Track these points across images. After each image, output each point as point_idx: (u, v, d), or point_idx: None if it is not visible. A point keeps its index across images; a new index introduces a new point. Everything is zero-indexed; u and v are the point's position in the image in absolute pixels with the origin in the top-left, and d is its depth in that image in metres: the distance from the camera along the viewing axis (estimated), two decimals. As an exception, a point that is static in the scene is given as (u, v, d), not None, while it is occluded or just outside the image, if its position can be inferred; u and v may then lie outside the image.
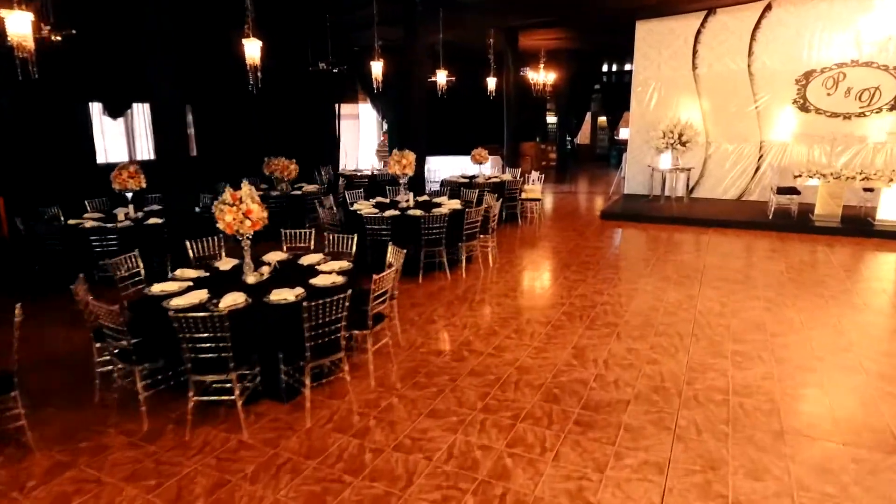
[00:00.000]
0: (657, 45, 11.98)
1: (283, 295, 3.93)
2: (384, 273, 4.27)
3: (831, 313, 5.59)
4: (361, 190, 9.09)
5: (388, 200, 8.14)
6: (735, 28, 11.20)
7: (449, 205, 7.62)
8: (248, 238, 4.39)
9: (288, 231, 5.77)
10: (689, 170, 11.50)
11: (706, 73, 11.65)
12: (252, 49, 6.33)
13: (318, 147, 13.06)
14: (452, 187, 9.70)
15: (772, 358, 4.56)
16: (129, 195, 7.48)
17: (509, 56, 13.51)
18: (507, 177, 10.65)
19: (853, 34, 10.31)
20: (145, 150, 9.73)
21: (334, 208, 8.07)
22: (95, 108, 8.72)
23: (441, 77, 10.40)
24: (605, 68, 20.80)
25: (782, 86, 11.00)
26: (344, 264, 4.73)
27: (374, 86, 8.65)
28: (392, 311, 5.01)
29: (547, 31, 13.31)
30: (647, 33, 12.02)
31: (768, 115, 11.25)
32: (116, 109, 8.81)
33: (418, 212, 7.03)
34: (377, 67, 8.63)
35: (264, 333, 3.77)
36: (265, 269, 4.58)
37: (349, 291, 3.75)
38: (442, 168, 13.99)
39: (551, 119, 21.27)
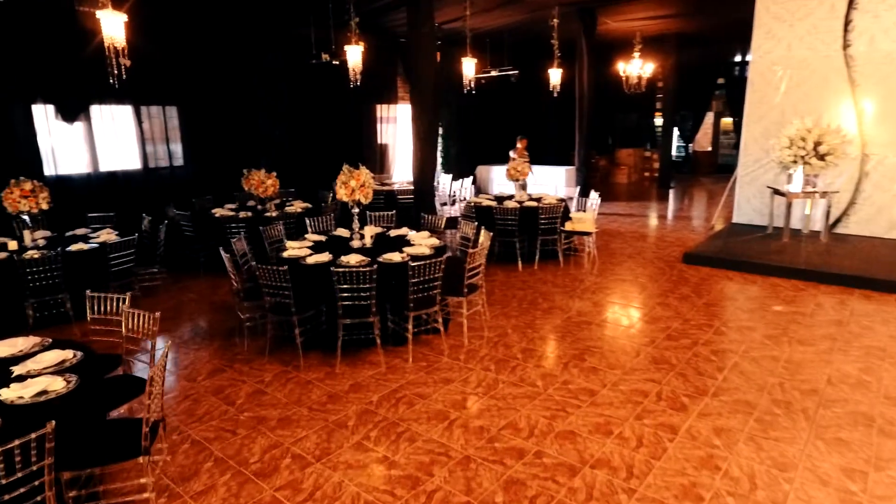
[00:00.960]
0: (788, 14, 8.45)
1: None
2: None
3: None
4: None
5: (348, 234, 5.92)
6: (918, -17, 7.44)
7: (420, 246, 5.23)
8: None
9: (97, 295, 3.79)
10: (831, 194, 7.89)
11: (865, 52, 7.93)
12: (111, 25, 4.46)
13: (349, 155, 11.16)
14: (466, 214, 7.26)
15: None
16: (27, 219, 6.07)
17: (583, 43, 10.61)
18: (552, 199, 7.90)
19: None
20: (117, 159, 8.28)
21: (283, 241, 6.01)
22: (42, 112, 7.42)
23: (469, 68, 7.97)
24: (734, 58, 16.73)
25: None
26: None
27: (352, 77, 6.47)
28: None
29: (637, 6, 10.22)
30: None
31: (971, 113, 7.33)
32: (71, 112, 7.54)
33: (354, 259, 4.74)
34: (355, 53, 6.43)
35: None
36: None
37: None
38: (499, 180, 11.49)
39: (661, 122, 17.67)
